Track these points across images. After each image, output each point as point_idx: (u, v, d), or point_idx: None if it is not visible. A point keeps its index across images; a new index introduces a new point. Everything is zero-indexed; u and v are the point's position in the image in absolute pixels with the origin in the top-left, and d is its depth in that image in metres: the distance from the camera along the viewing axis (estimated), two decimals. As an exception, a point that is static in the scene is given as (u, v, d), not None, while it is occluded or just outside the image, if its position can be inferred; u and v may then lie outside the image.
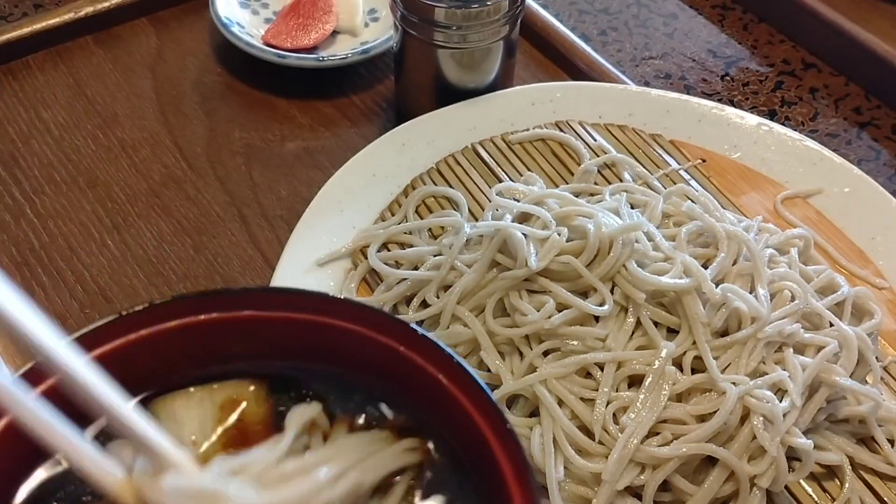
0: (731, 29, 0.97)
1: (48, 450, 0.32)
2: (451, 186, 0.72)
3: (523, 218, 0.62)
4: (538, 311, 0.57)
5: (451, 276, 0.61)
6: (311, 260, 0.66)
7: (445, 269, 0.61)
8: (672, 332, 0.58)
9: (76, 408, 0.32)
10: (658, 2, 1.01)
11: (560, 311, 0.57)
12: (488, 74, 0.76)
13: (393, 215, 0.70)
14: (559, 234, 0.59)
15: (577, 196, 0.66)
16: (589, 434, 0.54)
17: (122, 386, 0.32)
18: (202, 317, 0.39)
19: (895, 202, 0.71)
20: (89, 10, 0.87)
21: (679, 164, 0.74)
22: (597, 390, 0.55)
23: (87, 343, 0.36)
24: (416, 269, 0.64)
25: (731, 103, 0.88)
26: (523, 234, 0.59)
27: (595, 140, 0.75)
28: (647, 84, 0.90)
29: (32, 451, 0.33)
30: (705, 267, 0.58)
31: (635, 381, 0.56)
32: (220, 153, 0.79)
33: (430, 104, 0.76)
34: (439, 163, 0.74)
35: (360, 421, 0.38)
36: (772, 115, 0.88)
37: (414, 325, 0.38)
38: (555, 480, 0.53)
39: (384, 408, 0.39)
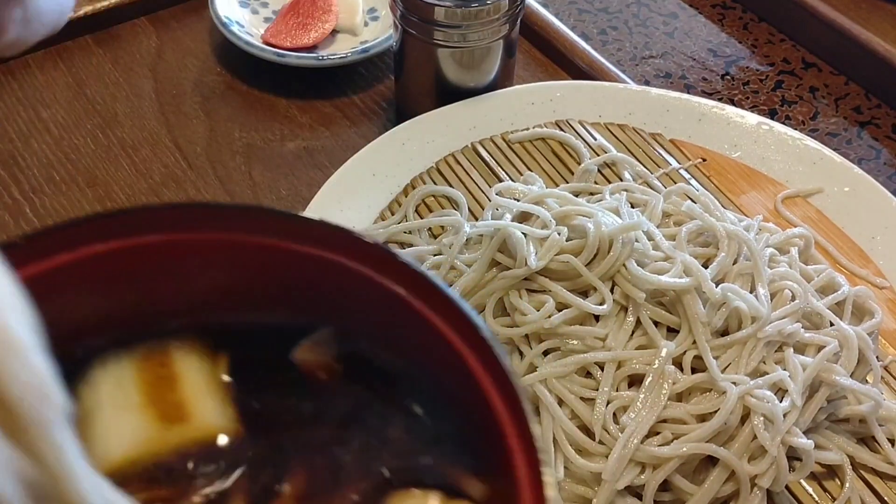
0: (731, 28, 0.97)
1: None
2: (450, 186, 0.72)
3: (523, 217, 0.62)
4: (538, 310, 0.57)
5: (450, 276, 0.61)
6: (310, 259, 0.66)
7: (445, 269, 0.61)
8: (672, 332, 0.57)
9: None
10: (658, 1, 1.00)
11: (560, 311, 0.57)
12: (488, 74, 0.76)
13: (393, 215, 0.70)
14: (559, 234, 0.59)
15: (577, 195, 0.66)
16: (589, 434, 0.54)
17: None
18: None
19: (895, 201, 0.71)
20: (88, 9, 0.87)
21: (679, 163, 0.74)
22: (597, 390, 0.55)
23: None
24: (415, 268, 0.64)
25: (732, 102, 0.88)
26: (523, 233, 0.59)
27: (595, 139, 0.75)
28: (647, 83, 0.90)
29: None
30: (705, 266, 0.58)
31: (635, 381, 0.56)
32: (220, 153, 0.79)
33: (430, 103, 0.76)
34: (439, 162, 0.73)
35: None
36: (772, 115, 0.88)
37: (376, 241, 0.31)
38: (555, 480, 0.53)
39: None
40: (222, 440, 0.31)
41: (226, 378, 0.32)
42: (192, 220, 0.31)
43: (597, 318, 0.57)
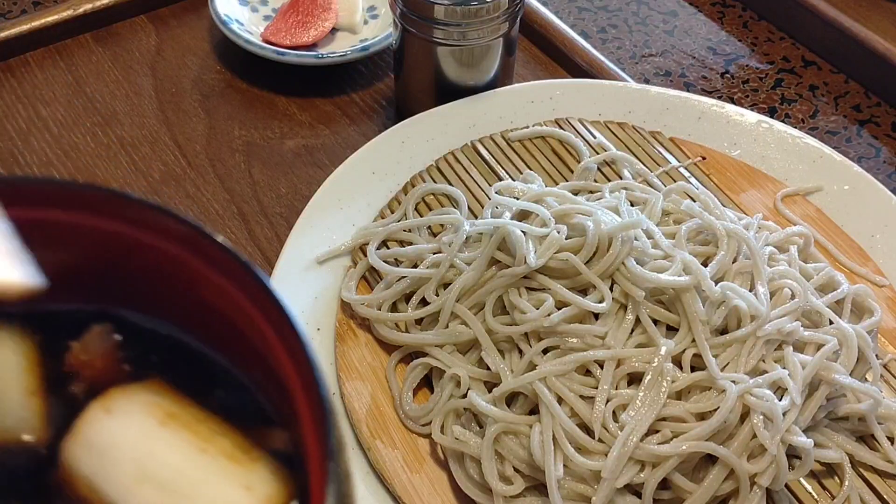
0: (731, 26, 0.97)
1: None
2: (450, 184, 0.72)
3: (522, 216, 0.62)
4: (537, 308, 0.57)
5: (450, 274, 0.61)
6: (310, 257, 0.66)
7: (445, 267, 0.61)
8: (671, 330, 0.57)
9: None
10: (658, -1, 1.00)
11: (559, 309, 0.57)
12: (488, 72, 0.76)
13: (392, 213, 0.70)
14: (558, 232, 0.59)
15: (576, 194, 0.66)
16: (588, 432, 0.54)
17: None
18: None
19: (895, 200, 0.71)
20: (88, 7, 0.87)
21: (679, 161, 0.74)
22: (596, 388, 0.55)
23: None
24: (415, 266, 0.64)
25: (731, 101, 0.88)
26: (522, 231, 0.59)
27: (595, 137, 0.75)
28: (646, 81, 0.90)
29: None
30: (705, 265, 0.58)
31: (635, 379, 0.56)
32: (219, 151, 0.79)
33: (430, 102, 0.76)
34: (439, 160, 0.73)
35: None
36: (772, 113, 0.88)
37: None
38: (554, 478, 0.53)
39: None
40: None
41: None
42: None
43: (596, 316, 0.57)
